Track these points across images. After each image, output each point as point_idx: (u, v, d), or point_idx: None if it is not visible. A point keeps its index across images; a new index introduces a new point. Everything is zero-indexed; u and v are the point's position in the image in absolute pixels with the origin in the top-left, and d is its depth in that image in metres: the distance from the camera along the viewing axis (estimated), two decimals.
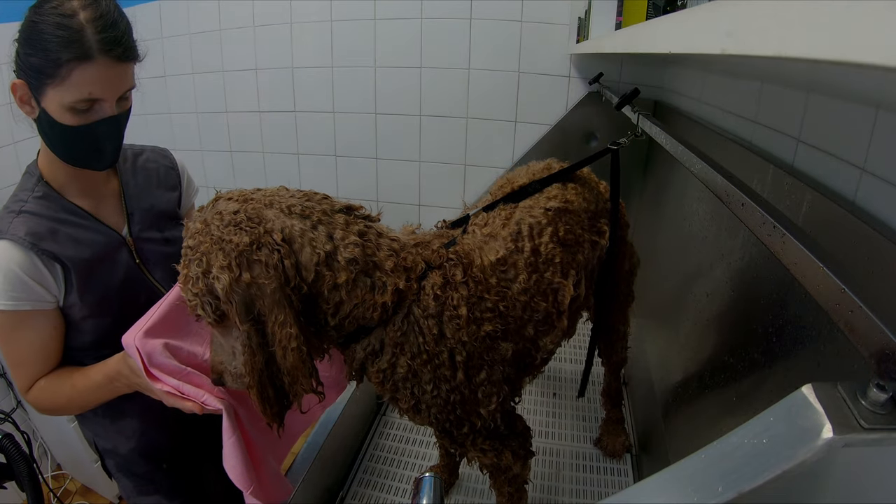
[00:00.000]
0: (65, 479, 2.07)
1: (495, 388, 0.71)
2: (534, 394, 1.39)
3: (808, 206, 0.65)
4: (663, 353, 1.19)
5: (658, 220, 1.44)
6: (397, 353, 0.67)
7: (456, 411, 0.71)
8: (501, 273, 0.72)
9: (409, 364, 0.67)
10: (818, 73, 0.65)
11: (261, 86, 2.03)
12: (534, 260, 0.74)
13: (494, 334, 0.70)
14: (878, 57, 0.19)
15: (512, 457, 0.81)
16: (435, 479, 0.66)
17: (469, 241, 0.75)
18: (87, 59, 0.70)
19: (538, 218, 0.77)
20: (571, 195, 0.84)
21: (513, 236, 0.75)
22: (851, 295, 0.33)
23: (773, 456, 0.28)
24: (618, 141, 0.89)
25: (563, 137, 1.75)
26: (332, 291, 0.62)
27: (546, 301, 0.74)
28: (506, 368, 0.73)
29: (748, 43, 0.31)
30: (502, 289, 0.71)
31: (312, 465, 1.01)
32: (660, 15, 0.72)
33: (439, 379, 0.68)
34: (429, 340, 0.66)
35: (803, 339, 0.59)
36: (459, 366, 0.68)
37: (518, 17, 1.68)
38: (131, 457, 0.97)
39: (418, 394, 0.69)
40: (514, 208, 0.80)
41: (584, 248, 0.82)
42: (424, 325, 0.66)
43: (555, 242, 0.76)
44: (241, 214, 0.59)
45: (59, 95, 0.71)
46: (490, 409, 0.72)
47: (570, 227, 0.80)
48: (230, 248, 0.57)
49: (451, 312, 0.67)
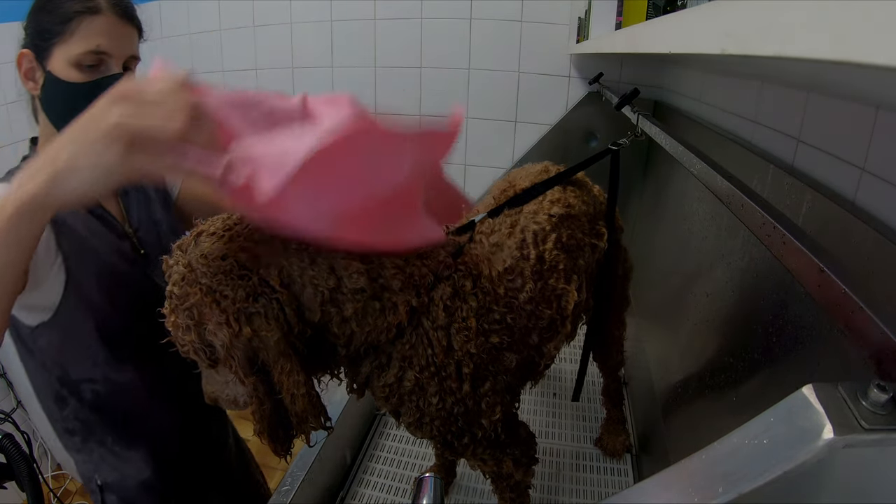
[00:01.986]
0: (65, 479, 2.07)
1: (499, 398, 0.70)
2: (534, 394, 1.39)
3: (808, 206, 0.65)
4: (663, 353, 1.19)
5: (658, 220, 1.44)
6: (405, 366, 0.65)
7: (458, 423, 0.69)
8: (509, 283, 0.71)
9: (417, 377, 0.65)
10: (818, 73, 0.65)
11: (261, 86, 2.03)
12: (539, 267, 0.73)
13: (501, 345, 0.69)
14: (878, 57, 0.19)
15: (513, 465, 0.80)
16: (435, 479, 0.66)
17: (477, 250, 0.74)
18: (94, 13, 0.75)
19: (542, 224, 0.77)
20: (572, 199, 0.83)
21: (518, 244, 0.74)
22: (851, 295, 0.33)
23: (774, 456, 0.28)
24: (618, 141, 0.88)
25: (563, 137, 1.75)
26: (341, 326, 0.59)
27: (551, 308, 0.74)
28: (509, 377, 0.72)
29: (748, 43, 0.31)
30: (510, 299, 0.70)
31: (312, 465, 1.01)
32: (660, 15, 0.72)
33: (445, 391, 0.66)
34: (437, 353, 0.64)
35: (803, 339, 0.59)
36: (466, 378, 0.66)
37: (518, 17, 1.68)
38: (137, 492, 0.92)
39: (423, 407, 0.67)
40: (518, 214, 0.79)
41: (585, 252, 0.82)
42: (433, 337, 0.64)
43: (558, 248, 0.76)
44: (230, 261, 0.53)
45: (67, 50, 0.74)
46: (493, 419, 0.70)
47: (573, 232, 0.80)
48: (226, 304, 0.52)
49: (461, 324, 0.65)
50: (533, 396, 1.38)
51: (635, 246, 1.70)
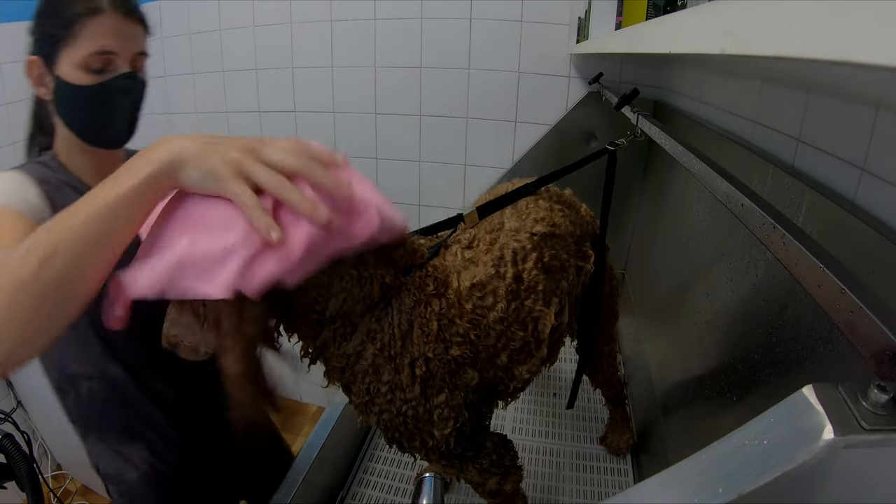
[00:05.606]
0: (65, 479, 2.07)
1: (454, 413, 0.69)
2: (534, 394, 1.39)
3: (808, 206, 0.65)
4: (663, 353, 1.19)
5: (658, 220, 1.44)
6: (367, 341, 0.65)
7: (407, 424, 0.69)
8: (479, 300, 0.69)
9: (375, 356, 0.65)
10: (818, 73, 0.65)
11: (261, 86, 2.03)
12: (515, 287, 0.71)
13: (462, 360, 0.68)
14: (878, 57, 0.19)
15: (479, 474, 0.77)
16: (435, 479, 0.66)
17: (450, 261, 0.73)
18: (97, 13, 0.74)
19: (523, 243, 0.74)
20: (558, 218, 0.81)
21: (495, 262, 0.72)
22: (851, 295, 0.33)
23: (774, 457, 0.28)
24: (616, 141, 0.88)
25: (563, 137, 1.75)
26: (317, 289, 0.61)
27: (525, 330, 0.71)
28: (470, 395, 0.70)
29: (748, 43, 0.31)
30: (477, 316, 0.69)
31: (312, 465, 1.01)
32: (660, 15, 0.72)
33: (395, 385, 0.66)
34: (396, 337, 0.65)
35: (803, 339, 0.59)
36: (417, 380, 0.66)
37: (518, 17, 1.68)
38: (136, 486, 0.93)
39: (373, 392, 0.67)
40: (499, 231, 0.76)
41: (569, 273, 0.79)
42: (397, 321, 0.65)
43: (539, 269, 0.73)
44: None
45: (73, 53, 0.74)
46: (445, 432, 0.69)
47: (556, 253, 0.77)
48: None
49: (423, 321, 0.65)
50: (533, 396, 1.38)
51: (636, 246, 1.71)
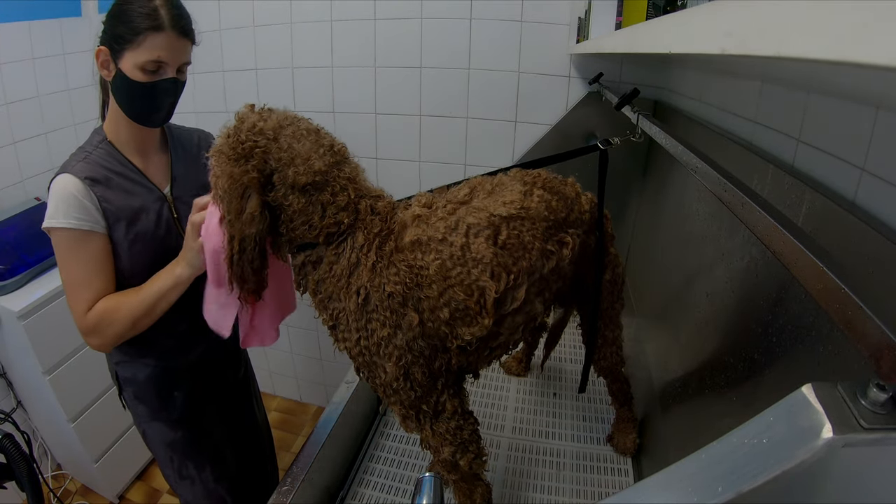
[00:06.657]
0: (65, 479, 2.07)
1: (398, 352, 0.78)
2: (534, 394, 1.39)
3: (808, 206, 0.65)
4: (663, 352, 1.19)
5: (658, 220, 1.44)
6: (327, 269, 0.79)
7: (363, 355, 0.80)
8: (420, 252, 0.78)
9: (333, 282, 0.79)
10: (818, 73, 0.65)
11: (261, 86, 2.03)
12: (461, 255, 0.77)
13: (401, 300, 0.76)
14: (878, 57, 0.19)
15: (433, 436, 0.84)
16: (435, 479, 0.66)
17: (405, 215, 0.81)
18: (159, 30, 0.93)
19: (480, 220, 0.79)
20: (533, 202, 0.83)
21: (446, 229, 0.79)
22: (851, 295, 0.33)
23: (773, 456, 0.28)
24: (609, 139, 0.88)
25: (563, 137, 1.75)
26: (288, 212, 0.77)
27: (469, 296, 0.77)
28: (418, 341, 0.78)
29: (748, 43, 0.31)
30: (417, 267, 0.77)
31: (312, 465, 1.01)
32: (660, 15, 0.72)
33: (347, 312, 0.79)
34: (346, 267, 0.78)
35: (803, 339, 0.59)
36: (360, 307, 0.77)
37: (518, 17, 1.68)
38: (147, 385, 1.16)
39: (335, 317, 0.81)
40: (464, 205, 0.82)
41: (531, 255, 0.81)
42: (348, 254, 0.78)
43: (489, 244, 0.78)
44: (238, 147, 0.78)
45: (135, 57, 0.94)
46: (388, 365, 0.78)
47: (519, 233, 0.80)
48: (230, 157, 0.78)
49: (365, 257, 0.77)
50: (533, 396, 1.38)
51: (636, 246, 1.71)
